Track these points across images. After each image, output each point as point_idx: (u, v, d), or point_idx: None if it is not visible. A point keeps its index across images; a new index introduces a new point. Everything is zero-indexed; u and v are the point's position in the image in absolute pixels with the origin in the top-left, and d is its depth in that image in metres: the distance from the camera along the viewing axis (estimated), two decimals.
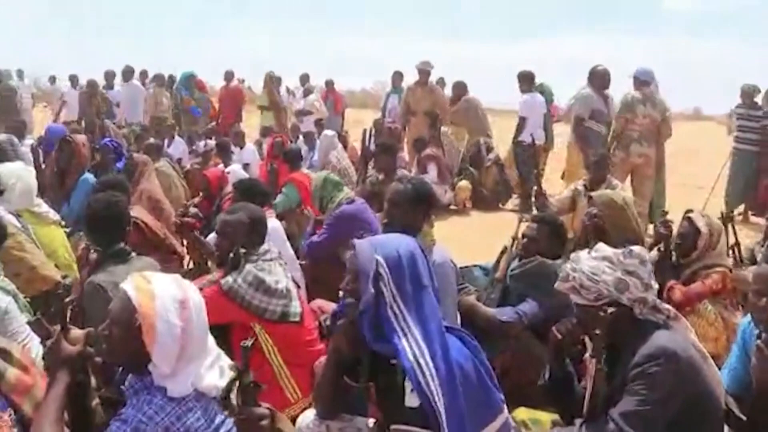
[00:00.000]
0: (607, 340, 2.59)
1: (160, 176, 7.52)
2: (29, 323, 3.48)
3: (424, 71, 11.06)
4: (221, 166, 8.60)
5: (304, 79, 14.79)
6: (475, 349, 2.46)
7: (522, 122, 9.98)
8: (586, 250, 2.76)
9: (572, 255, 2.81)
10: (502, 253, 4.30)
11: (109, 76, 13.47)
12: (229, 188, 6.16)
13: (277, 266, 3.55)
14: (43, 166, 6.74)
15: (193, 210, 5.93)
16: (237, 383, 2.03)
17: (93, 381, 2.36)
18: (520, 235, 4.25)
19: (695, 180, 11.63)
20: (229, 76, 14.32)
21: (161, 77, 13.66)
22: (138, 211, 4.83)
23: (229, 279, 3.41)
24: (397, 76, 12.30)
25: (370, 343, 2.36)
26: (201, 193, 6.62)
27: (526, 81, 10.18)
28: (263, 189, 5.07)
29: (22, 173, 4.86)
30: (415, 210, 3.62)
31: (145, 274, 2.21)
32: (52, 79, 18.37)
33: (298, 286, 3.77)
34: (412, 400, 2.31)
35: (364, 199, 5.53)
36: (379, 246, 2.41)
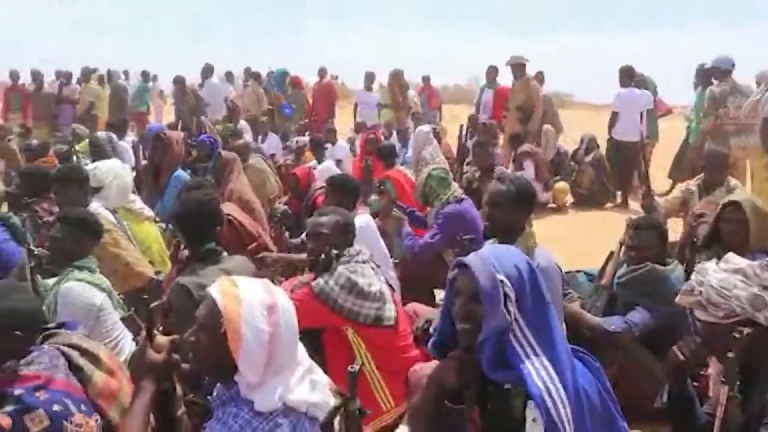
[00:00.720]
0: (741, 363, 2.29)
1: (253, 172, 7.54)
2: (123, 320, 3.49)
3: (518, 65, 10.74)
4: (314, 162, 8.59)
5: (399, 74, 14.64)
6: (598, 372, 2.21)
7: (614, 117, 9.68)
8: (714, 261, 2.46)
9: (697, 266, 2.50)
10: (609, 258, 4.02)
11: (206, 71, 13.68)
12: (317, 184, 6.08)
13: (370, 268, 3.40)
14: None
15: (281, 207, 5.87)
16: (341, 409, 1.89)
17: (179, 389, 2.26)
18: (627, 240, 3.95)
19: None
20: (322, 72, 14.35)
21: (258, 74, 13.82)
22: (232, 209, 4.78)
23: (321, 281, 3.28)
24: (492, 71, 11.99)
25: (488, 372, 2.12)
26: (292, 191, 6.57)
27: (625, 76, 9.82)
28: (356, 185, 4.94)
29: (119, 171, 4.91)
30: (517, 211, 3.42)
31: (233, 277, 2.09)
32: (154, 78, 18.92)
33: (393, 289, 3.60)
34: (533, 431, 2.09)
35: None
36: (498, 264, 2.15)
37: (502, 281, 2.10)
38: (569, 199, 9.87)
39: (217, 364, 2.00)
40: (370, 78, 13.59)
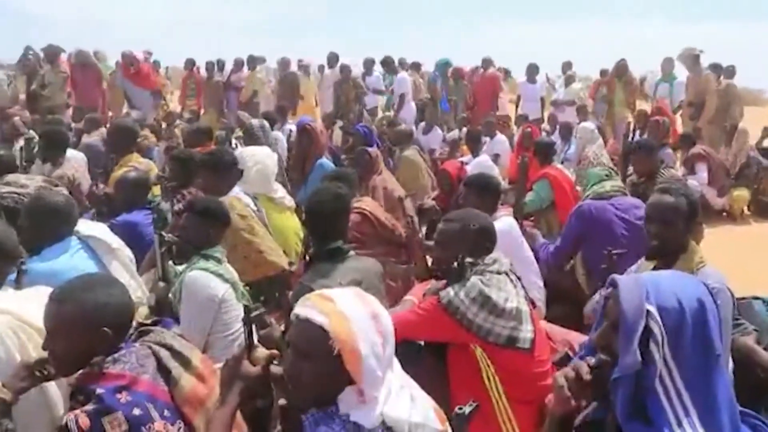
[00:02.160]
0: None
1: (407, 165, 7.39)
2: (244, 308, 3.36)
3: (689, 57, 9.92)
4: (468, 156, 8.27)
5: (566, 66, 13.94)
6: None
7: None
8: None
9: None
10: None
11: (368, 63, 13.71)
12: None
13: (508, 281, 3.02)
14: None
15: (429, 203, 5.63)
16: None
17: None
18: None
19: None
20: (486, 63, 13.90)
21: (417, 64, 13.68)
22: (368, 203, 4.60)
23: (450, 292, 2.94)
24: (667, 63, 11.11)
25: (621, 420, 1.73)
26: (441, 187, 6.32)
27: None
28: (496, 184, 4.57)
29: (261, 158, 4.86)
30: (687, 228, 2.95)
31: (324, 293, 1.89)
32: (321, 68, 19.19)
33: (534, 305, 3.21)
34: None
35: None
36: (652, 290, 1.73)
37: (649, 313, 1.69)
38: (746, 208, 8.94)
39: (324, 393, 1.83)
40: (533, 70, 13.04)
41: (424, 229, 5.64)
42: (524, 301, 3.02)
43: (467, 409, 1.67)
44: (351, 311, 1.83)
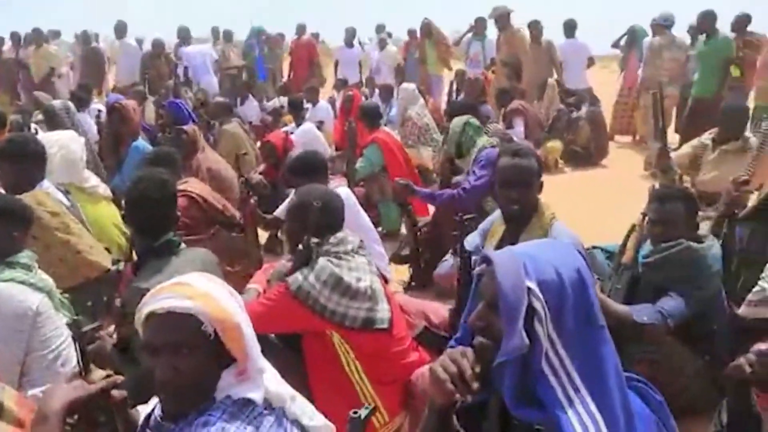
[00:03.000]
0: None
1: (227, 138, 7.06)
2: (68, 325, 2.95)
3: (502, 15, 10.26)
4: (292, 126, 8.03)
5: (380, 28, 13.95)
6: (660, 408, 1.70)
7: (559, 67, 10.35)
8: None
9: None
10: (631, 231, 3.49)
11: (183, 32, 12.91)
12: (296, 151, 5.58)
13: (359, 259, 2.84)
14: None
15: (256, 177, 5.37)
16: None
17: None
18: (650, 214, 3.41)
19: None
20: (300, 29, 13.59)
21: (229, 33, 13.11)
22: (195, 185, 4.26)
23: (299, 277, 2.72)
24: (480, 23, 11.38)
25: (510, 406, 1.60)
26: (267, 160, 6.06)
27: (567, 28, 10.58)
28: (320, 162, 4.31)
29: (65, 142, 4.29)
30: (538, 189, 2.93)
31: (176, 281, 1.73)
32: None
33: (386, 280, 3.06)
34: None
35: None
36: (530, 264, 1.58)
37: (530, 290, 1.56)
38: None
39: (204, 384, 1.67)
40: (350, 34, 12.93)
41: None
42: (377, 279, 2.87)
43: (363, 413, 1.50)
44: (213, 290, 1.70)
